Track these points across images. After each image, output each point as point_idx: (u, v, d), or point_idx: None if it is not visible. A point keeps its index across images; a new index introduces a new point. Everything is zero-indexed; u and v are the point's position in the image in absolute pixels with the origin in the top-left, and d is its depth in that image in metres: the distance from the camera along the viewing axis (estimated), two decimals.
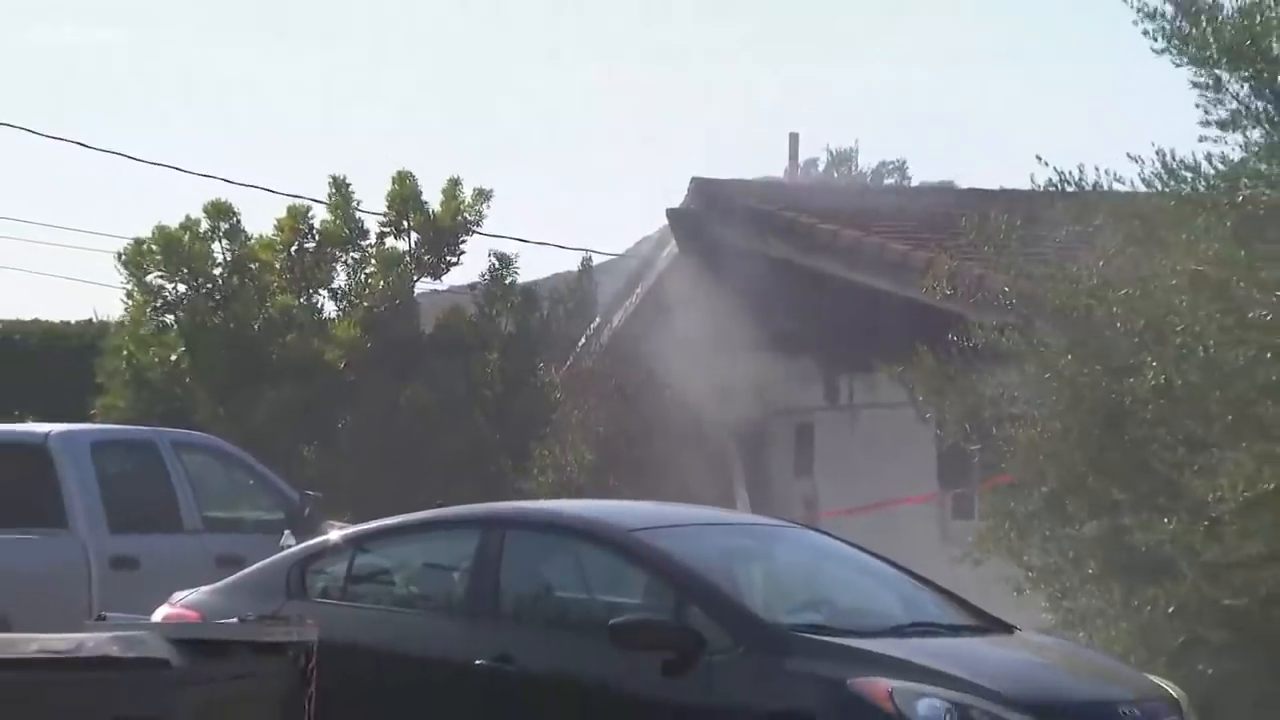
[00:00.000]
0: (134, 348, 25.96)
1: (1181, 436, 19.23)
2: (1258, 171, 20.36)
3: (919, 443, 25.08)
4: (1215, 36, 20.20)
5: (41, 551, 17.90)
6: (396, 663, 13.12)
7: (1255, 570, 18.46)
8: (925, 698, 12.00)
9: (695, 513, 15.81)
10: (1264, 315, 18.70)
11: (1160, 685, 13.44)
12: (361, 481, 23.02)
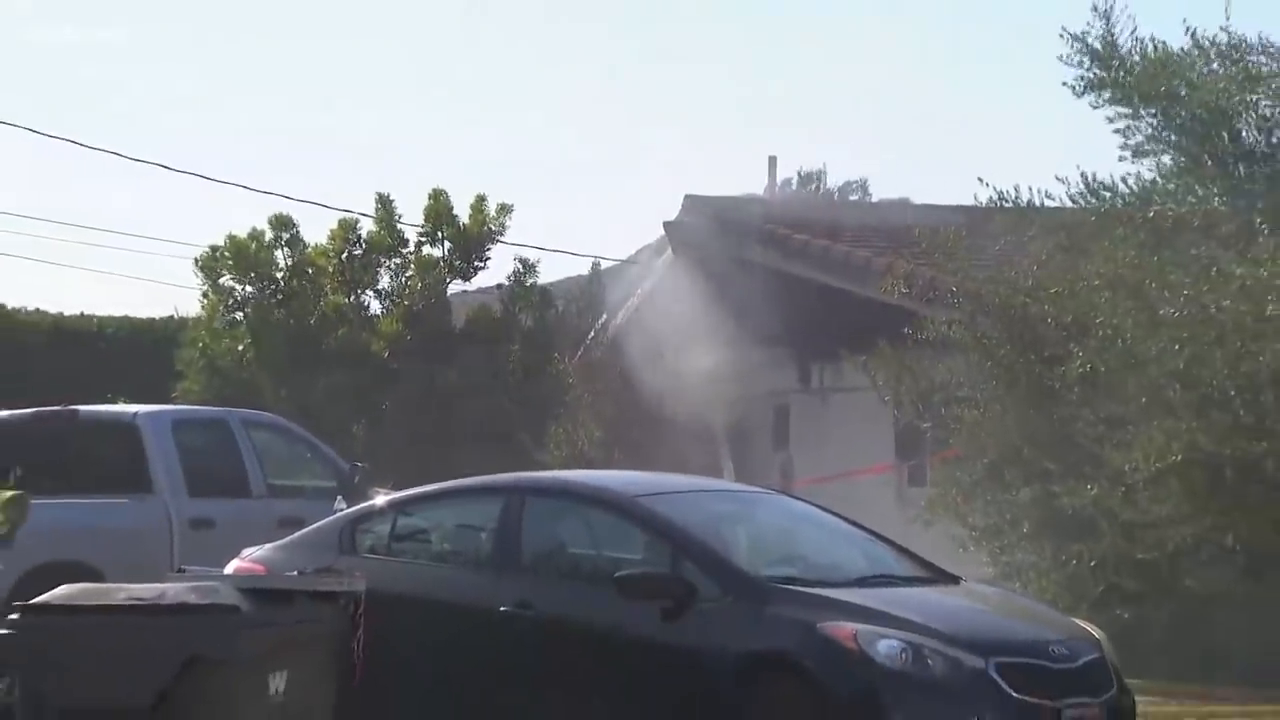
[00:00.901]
0: (208, 340, 25.98)
1: (1103, 415, 19.26)
2: (1167, 190, 20.40)
3: (879, 421, 25.11)
4: (1130, 81, 20.26)
5: (130, 513, 17.93)
6: (432, 609, 13.13)
7: (1164, 530, 18.50)
8: (884, 639, 12.02)
9: (688, 481, 15.81)
10: (1172, 313, 18.72)
11: (1083, 627, 13.45)
12: (402, 454, 23.01)
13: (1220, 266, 18.66)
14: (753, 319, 26.41)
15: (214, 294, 26.14)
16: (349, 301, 26.00)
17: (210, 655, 8.02)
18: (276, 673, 8.27)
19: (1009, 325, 20.40)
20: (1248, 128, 20.16)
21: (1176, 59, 20.21)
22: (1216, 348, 18.43)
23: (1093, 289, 19.61)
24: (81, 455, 18.36)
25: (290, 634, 8.42)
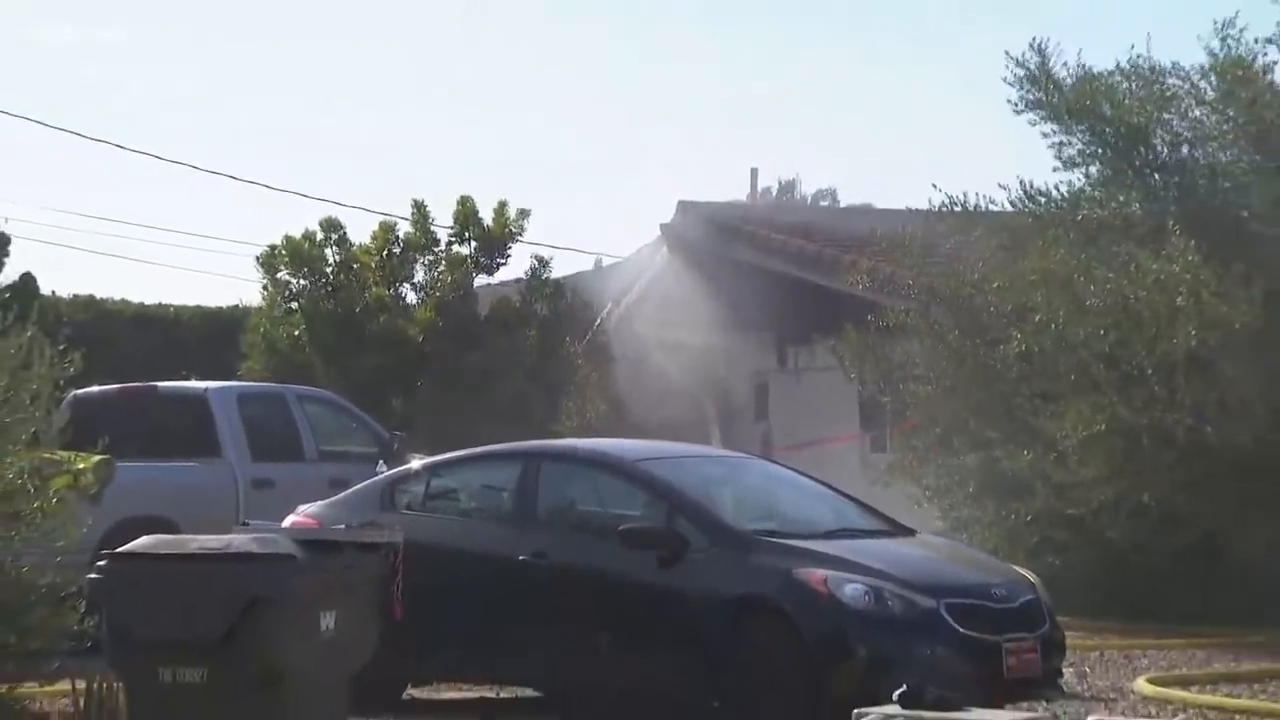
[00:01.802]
0: (268, 326, 25.95)
1: (1038, 391, 19.27)
2: (1093, 197, 20.40)
3: (845, 396, 25.12)
4: (1061, 102, 20.24)
5: (201, 475, 17.96)
6: (460, 558, 13.14)
7: (1089, 489, 18.52)
8: (850, 583, 12.03)
9: (681, 448, 15.79)
10: (1097, 303, 18.75)
11: (1020, 572, 13.45)
12: (434, 425, 22.97)
13: (1138, 263, 18.66)
14: (737, 308, 26.46)
15: (273, 287, 26.14)
16: (389, 293, 25.98)
17: (270, 596, 8.01)
18: (327, 612, 8.26)
19: (957, 313, 20.39)
20: (1162, 142, 20.16)
21: (1101, 83, 20.20)
22: (1135, 333, 18.44)
23: (1029, 282, 19.61)
24: (159, 425, 18.40)
25: (339, 579, 8.42)
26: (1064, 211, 20.27)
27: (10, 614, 11.45)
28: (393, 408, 23.79)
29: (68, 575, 11.32)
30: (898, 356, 21.40)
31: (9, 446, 11.95)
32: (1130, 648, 16.69)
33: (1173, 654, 16.47)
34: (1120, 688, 14.29)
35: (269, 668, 7.92)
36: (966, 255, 20.90)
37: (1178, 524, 18.35)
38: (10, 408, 11.98)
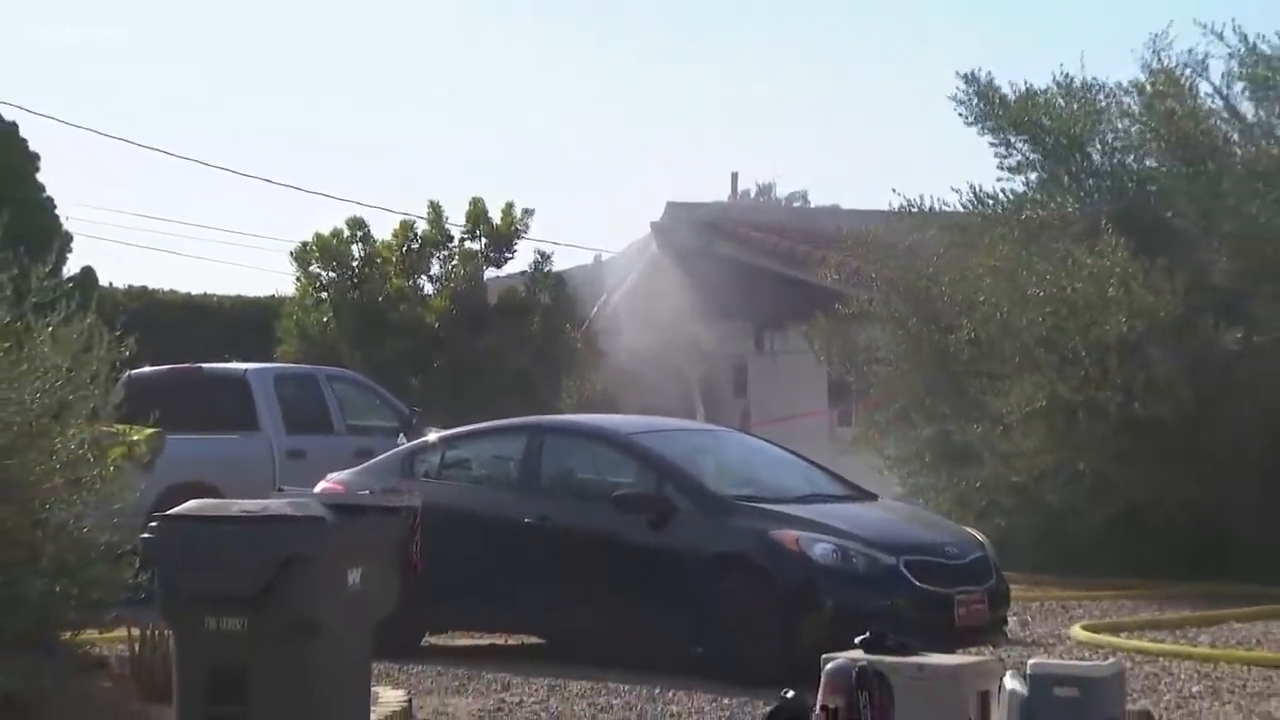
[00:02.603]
0: (301, 314, 25.92)
1: (985, 372, 19.29)
2: (1035, 200, 20.43)
3: (815, 376, 25.16)
4: (1006, 115, 20.26)
5: (242, 446, 17.94)
6: (472, 520, 13.14)
7: (1031, 459, 18.55)
8: (819, 542, 12.04)
9: (669, 422, 15.79)
10: (1038, 293, 18.76)
11: (970, 532, 13.47)
12: (449, 401, 22.94)
13: (1074, 258, 18.68)
14: (719, 298, 26.47)
15: (305, 279, 26.11)
16: (408, 284, 25.94)
17: (303, 554, 7.97)
18: (354, 568, 8.23)
19: (915, 303, 20.40)
20: (1095, 151, 20.20)
21: (1040, 99, 20.23)
22: (1072, 320, 18.45)
23: (978, 275, 19.62)
24: (205, 401, 18.36)
25: (364, 538, 8.38)
26: (1008, 212, 20.29)
27: (73, 569, 11.44)
28: (411, 386, 23.76)
29: (124, 535, 11.30)
30: (862, 341, 21.43)
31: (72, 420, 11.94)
32: (1067, 599, 16.73)
33: (1104, 604, 16.51)
34: (1058, 634, 14.32)
35: (302, 617, 7.88)
36: (922, 251, 20.92)
37: (1109, 490, 18.37)
38: (73, 386, 11.97)
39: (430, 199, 26.57)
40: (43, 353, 11.72)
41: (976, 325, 19.30)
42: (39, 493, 11.44)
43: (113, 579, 11.60)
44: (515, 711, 11.09)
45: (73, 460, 11.80)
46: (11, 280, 11.58)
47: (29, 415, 11.46)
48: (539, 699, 11.47)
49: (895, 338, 20.63)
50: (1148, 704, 10.71)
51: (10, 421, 11.30)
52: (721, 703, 11.13)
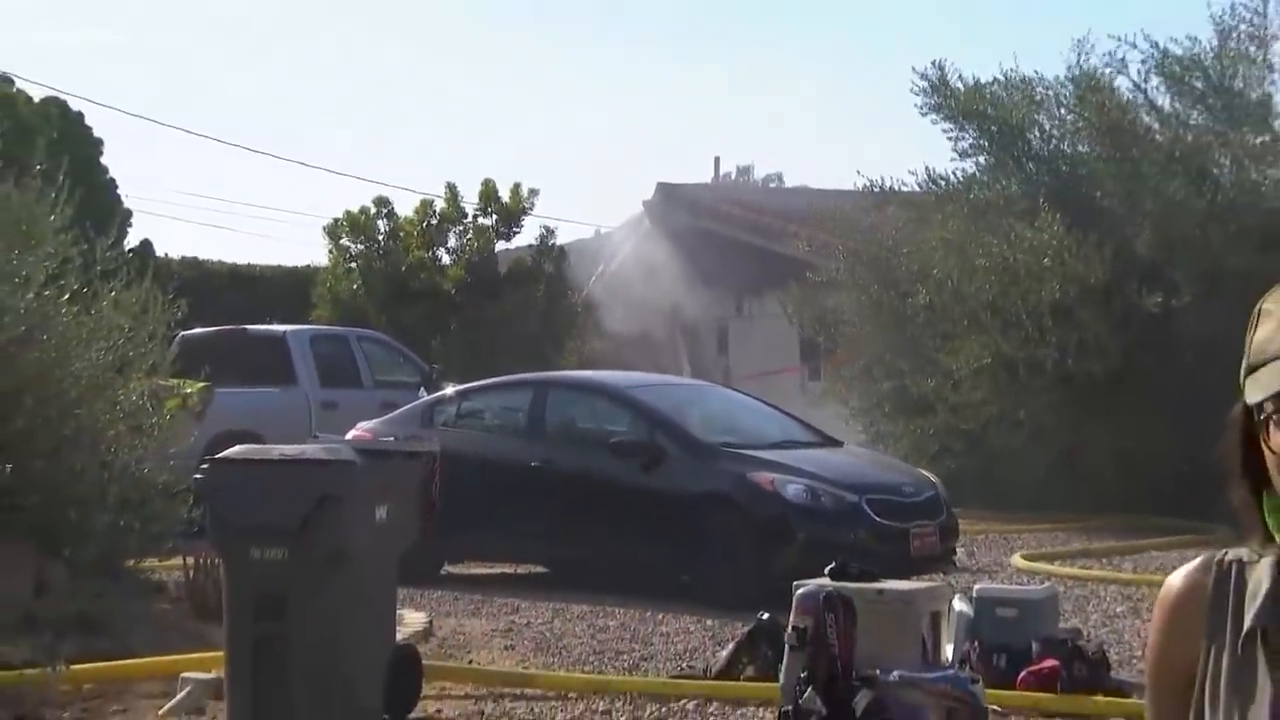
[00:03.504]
0: (333, 282, 25.88)
1: (938, 332, 19.30)
2: (981, 181, 20.38)
3: (789, 337, 25.17)
4: (956, 105, 20.21)
5: (282, 398, 17.93)
6: (485, 464, 13.13)
7: (978, 408, 18.57)
8: (791, 483, 12.05)
9: (659, 378, 15.83)
10: (984, 264, 18.74)
11: (924, 474, 13.49)
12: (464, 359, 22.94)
13: (1016, 233, 18.66)
14: (703, 267, 26.44)
15: (336, 251, 26.06)
16: (427, 256, 25.88)
17: (336, 494, 7.97)
18: (380, 505, 8.22)
19: (876, 272, 20.39)
20: (1034, 137, 20.15)
21: (986, 91, 20.18)
22: (1013, 287, 18.45)
23: (932, 248, 19.61)
24: (249, 359, 18.35)
25: (389, 479, 8.37)
26: (959, 192, 20.25)
27: (135, 505, 11.48)
28: (431, 346, 23.76)
29: (179, 476, 11.33)
30: (830, 306, 21.43)
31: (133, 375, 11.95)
32: (1008, 532, 16.76)
33: (1041, 536, 16.55)
34: (1000, 562, 14.35)
35: (335, 548, 7.89)
36: (883, 226, 20.90)
37: (1046, 436, 18.40)
38: (133, 345, 11.98)
39: (447, 180, 26.60)
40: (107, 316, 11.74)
41: (930, 292, 19.30)
42: (105, 438, 11.46)
43: (170, 514, 11.65)
44: (523, 631, 11.11)
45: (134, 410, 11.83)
46: (81, 253, 11.60)
47: (96, 370, 11.47)
48: (544, 620, 11.49)
49: (859, 303, 20.63)
50: (1077, 622, 10.74)
51: (80, 376, 11.31)
52: (705, 623, 11.15)
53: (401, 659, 8.41)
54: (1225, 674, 1.81)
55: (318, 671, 7.90)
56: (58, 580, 10.79)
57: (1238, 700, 1.79)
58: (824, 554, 10.28)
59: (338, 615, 7.92)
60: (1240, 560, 1.87)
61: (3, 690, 8.69)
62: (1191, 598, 1.87)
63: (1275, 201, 18.46)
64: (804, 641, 8.11)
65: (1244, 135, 19.06)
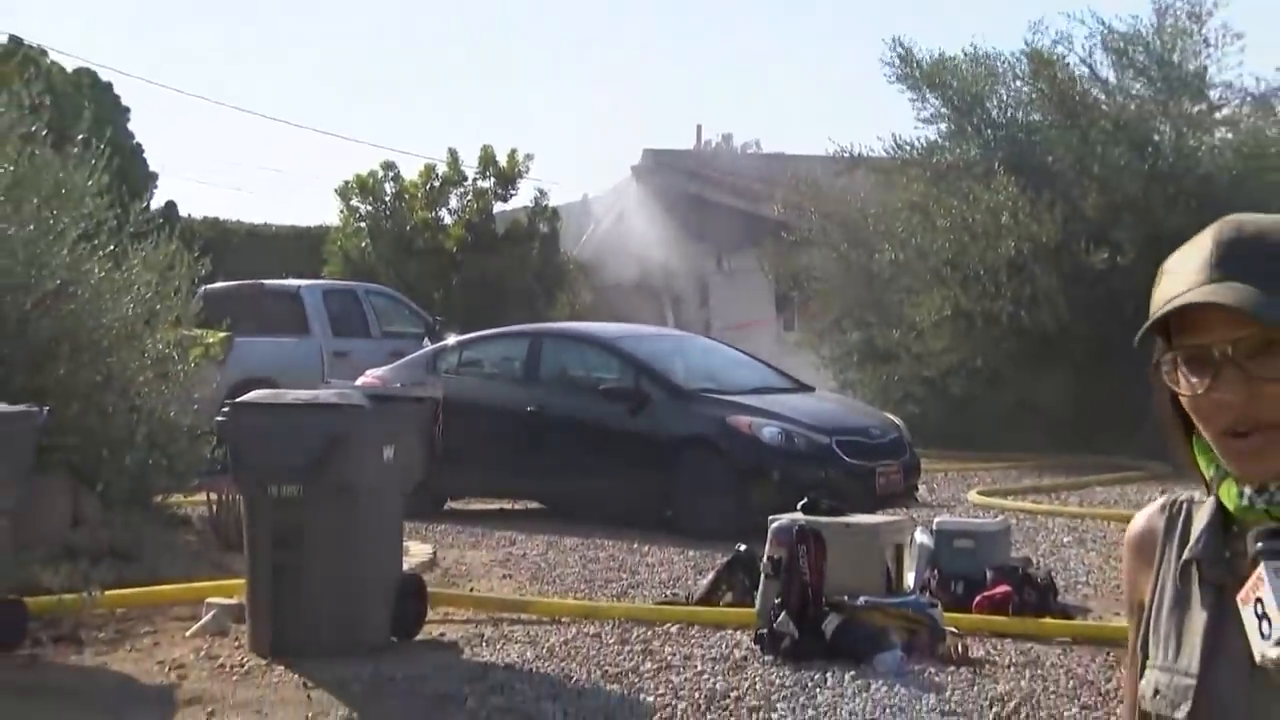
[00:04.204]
0: (343, 240, 25.76)
1: (903, 287, 19.30)
2: (943, 147, 20.34)
3: (765, 290, 25.14)
4: (922, 76, 20.16)
5: (296, 347, 17.86)
6: (484, 408, 13.12)
7: (939, 357, 18.59)
8: (767, 426, 12.06)
9: (644, 329, 15.80)
10: (945, 223, 18.72)
11: (890, 417, 13.50)
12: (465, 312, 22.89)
13: (974, 194, 18.65)
14: (686, 227, 26.38)
15: (347, 211, 25.92)
16: (431, 216, 25.75)
17: (347, 435, 7.96)
18: (388, 446, 8.21)
19: (846, 231, 20.37)
20: (992, 106, 20.11)
21: (949, 63, 20.12)
22: (972, 245, 18.44)
23: (897, 209, 19.58)
24: (266, 311, 18.30)
25: (396, 422, 8.36)
26: (922, 157, 20.22)
27: (163, 445, 11.48)
28: (434, 300, 23.69)
29: (202, 418, 11.32)
30: (803, 262, 21.40)
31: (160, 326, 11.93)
32: (965, 470, 16.81)
33: (995, 474, 16.59)
34: (958, 498, 14.39)
35: (346, 485, 7.89)
36: (852, 189, 20.88)
37: (1001, 382, 18.43)
38: (160, 297, 11.96)
39: (449, 146, 26.54)
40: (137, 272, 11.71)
41: (895, 249, 19.29)
42: (134, 384, 11.45)
43: (194, 454, 11.65)
44: (520, 562, 11.13)
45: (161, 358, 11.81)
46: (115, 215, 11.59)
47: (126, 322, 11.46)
48: (539, 552, 11.51)
49: (830, 260, 20.61)
50: (1028, 552, 10.79)
51: (111, 327, 11.30)
52: (687, 554, 11.17)
53: (408, 586, 8.42)
54: (1166, 602, 1.82)
55: (331, 597, 7.92)
56: (92, 513, 10.80)
57: (1175, 627, 1.80)
58: (797, 491, 10.32)
59: (349, 546, 7.93)
60: (1191, 500, 1.88)
61: (43, 613, 8.71)
62: (1149, 536, 1.88)
63: (1211, 166, 18.51)
64: (778, 570, 8.14)
65: (1182, 105, 19.16)
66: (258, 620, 8.04)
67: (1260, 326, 1.68)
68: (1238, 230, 1.75)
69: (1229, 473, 1.74)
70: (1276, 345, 1.68)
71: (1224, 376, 1.69)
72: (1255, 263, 1.71)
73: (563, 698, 7.25)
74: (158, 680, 7.78)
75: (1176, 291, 1.75)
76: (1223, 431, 1.71)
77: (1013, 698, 7.18)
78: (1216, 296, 1.68)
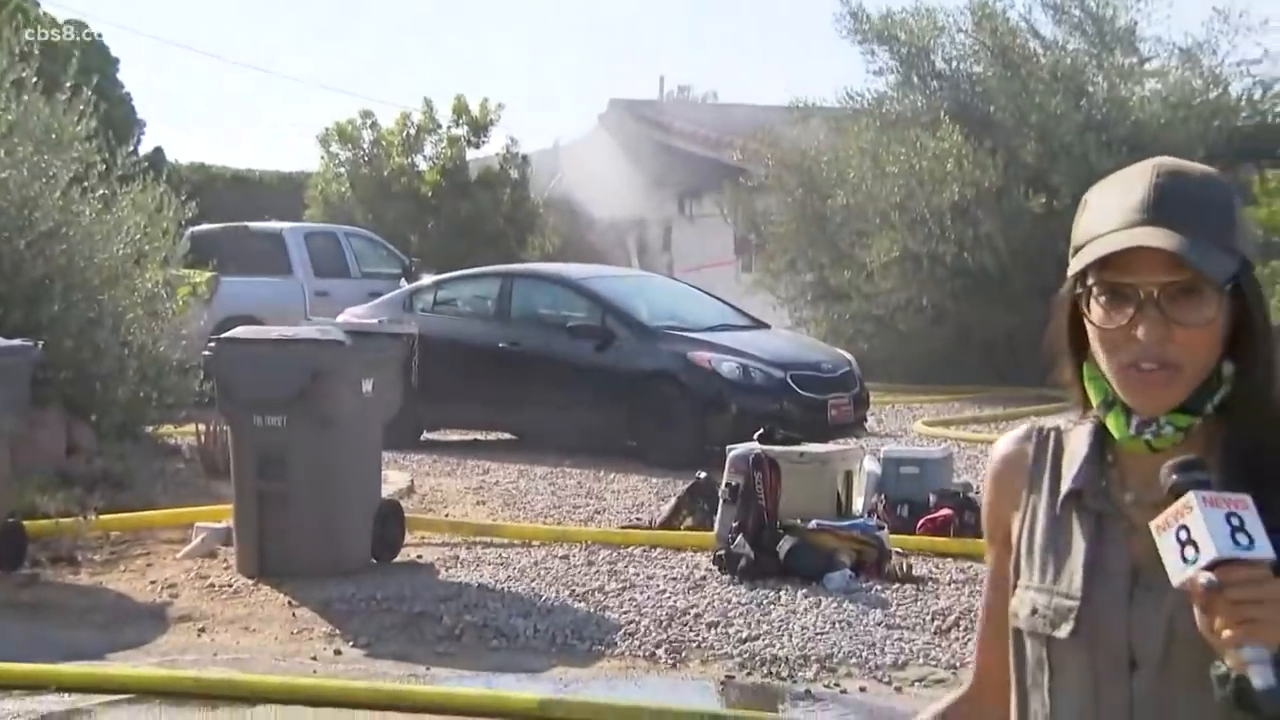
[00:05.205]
0: (324, 185, 25.55)
1: (854, 230, 19.27)
2: (892, 97, 20.29)
3: (724, 233, 25.07)
4: (872, 30, 20.11)
5: (280, 287, 17.72)
6: (458, 345, 13.06)
7: (888, 296, 18.61)
8: (726, 361, 12.06)
9: (610, 270, 15.75)
10: (894, 169, 18.70)
11: (841, 353, 13.51)
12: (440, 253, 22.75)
13: (921, 142, 18.61)
14: (650, 173, 26.25)
15: (327, 157, 25.67)
16: (407, 162, 25.54)
17: (328, 369, 7.94)
18: (367, 379, 8.19)
19: (801, 177, 20.30)
20: (938, 59, 20.08)
21: (897, 17, 20.08)
22: (919, 190, 18.42)
23: (849, 156, 19.53)
24: (251, 252, 18.16)
25: (374, 357, 8.34)
26: (872, 107, 20.16)
27: (153, 379, 11.45)
28: (410, 242, 23.54)
29: (190, 353, 11.28)
30: (760, 207, 21.36)
31: (149, 266, 11.86)
32: (911, 402, 16.87)
33: (939, 405, 16.66)
34: (905, 428, 14.45)
35: (327, 416, 7.87)
36: (807, 138, 20.82)
37: (945, 320, 18.48)
38: (149, 239, 11.88)
39: (424, 95, 26.23)
40: (126, 214, 11.62)
41: (847, 194, 19.26)
42: (125, 321, 11.39)
43: (183, 387, 11.63)
44: (493, 489, 11.15)
45: (150, 296, 11.76)
46: (104, 159, 11.48)
47: (116, 262, 11.38)
48: (511, 480, 11.53)
49: (785, 204, 20.56)
50: (968, 478, 10.84)
51: (102, 266, 11.23)
52: (650, 481, 11.21)
53: (387, 512, 8.43)
54: (1041, 531, 1.82)
55: (314, 522, 7.92)
56: (86, 443, 10.76)
57: (1054, 556, 1.80)
58: (754, 422, 10.35)
59: (330, 473, 7.93)
60: (1058, 428, 1.88)
61: (41, 536, 8.70)
62: (1015, 460, 1.88)
63: (1141, 114, 18.65)
64: (736, 496, 8.18)
65: (1115, 57, 19.33)
66: (245, 543, 8.04)
67: (1185, 273, 1.68)
68: (1173, 177, 1.74)
69: (1117, 403, 1.75)
70: (1194, 293, 1.69)
71: (1145, 315, 1.70)
72: (1188, 211, 1.71)
73: (533, 615, 7.29)
74: (150, 599, 7.78)
75: (1107, 228, 1.75)
76: (1128, 364, 1.71)
77: (953, 612, 7.26)
78: (1159, 241, 1.68)
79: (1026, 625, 1.80)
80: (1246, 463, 1.70)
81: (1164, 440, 1.73)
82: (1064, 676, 1.77)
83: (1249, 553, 1.56)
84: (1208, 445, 1.73)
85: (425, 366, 11.23)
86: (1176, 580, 1.59)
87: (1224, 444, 1.73)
